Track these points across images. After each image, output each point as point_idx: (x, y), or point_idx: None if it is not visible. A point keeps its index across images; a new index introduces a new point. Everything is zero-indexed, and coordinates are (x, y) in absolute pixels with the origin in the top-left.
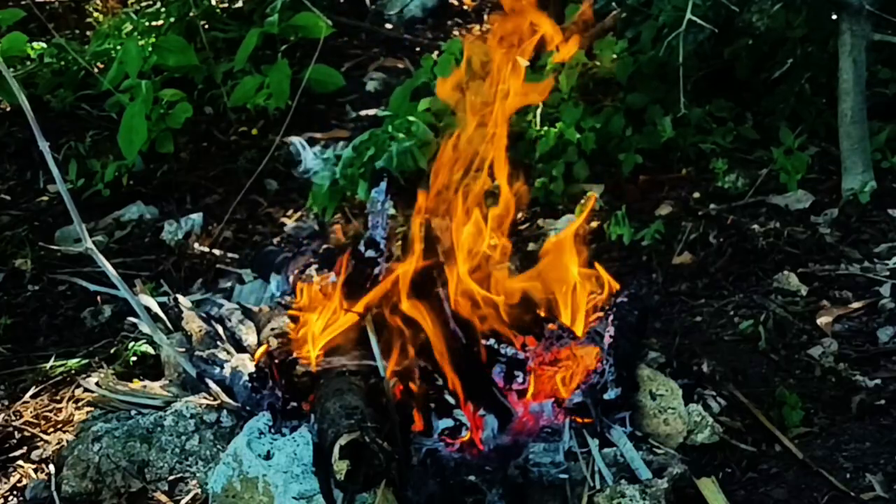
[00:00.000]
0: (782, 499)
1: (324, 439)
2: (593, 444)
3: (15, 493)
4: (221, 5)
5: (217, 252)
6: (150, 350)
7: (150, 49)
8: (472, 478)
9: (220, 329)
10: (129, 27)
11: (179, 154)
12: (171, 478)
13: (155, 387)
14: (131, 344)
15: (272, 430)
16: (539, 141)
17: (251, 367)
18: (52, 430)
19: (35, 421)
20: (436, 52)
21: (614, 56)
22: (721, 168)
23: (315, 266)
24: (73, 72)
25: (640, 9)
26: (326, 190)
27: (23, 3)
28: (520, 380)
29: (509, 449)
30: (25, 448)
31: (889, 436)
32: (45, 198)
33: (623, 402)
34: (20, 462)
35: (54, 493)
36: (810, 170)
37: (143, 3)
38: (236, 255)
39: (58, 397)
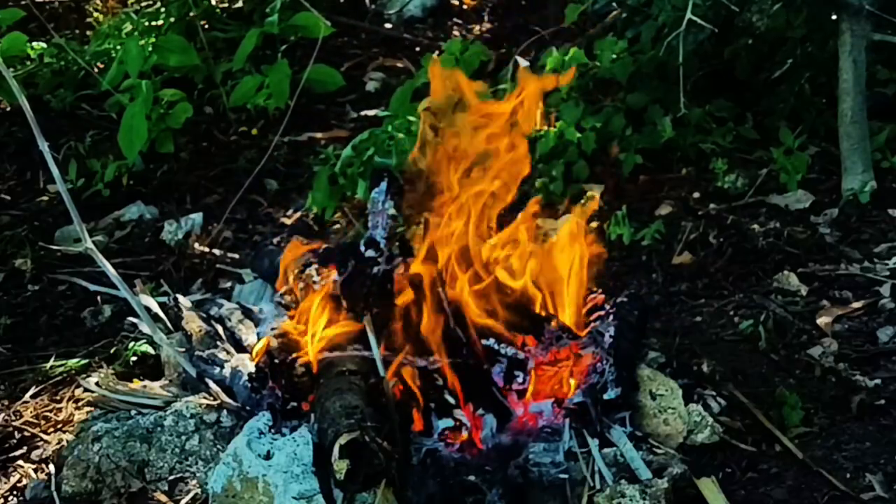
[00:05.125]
0: (782, 499)
1: (324, 439)
2: (593, 444)
3: (15, 493)
4: (221, 5)
5: (217, 252)
6: (150, 350)
7: (150, 49)
8: (472, 478)
9: (220, 329)
10: (129, 27)
11: (179, 154)
12: (171, 478)
13: (155, 387)
14: (131, 344)
15: (272, 430)
16: (539, 141)
17: (251, 367)
18: (52, 430)
19: (35, 421)
20: (436, 52)
21: (614, 56)
22: (721, 168)
23: (315, 266)
24: (73, 72)
25: (640, 9)
26: (326, 189)
27: (23, 3)
28: (520, 380)
29: (509, 449)
30: (25, 448)
31: (889, 436)
32: (45, 198)
33: (623, 402)
34: (20, 462)
35: (54, 493)
36: (810, 170)
37: (143, 3)
38: (236, 255)
39: (58, 397)
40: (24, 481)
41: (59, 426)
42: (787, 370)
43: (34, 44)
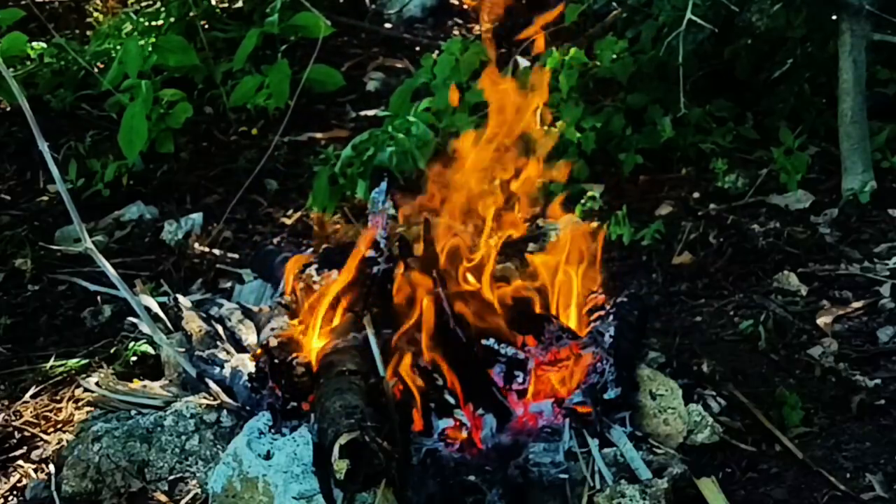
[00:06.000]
0: (782, 499)
1: (324, 439)
2: (593, 444)
3: (15, 493)
4: (221, 5)
5: (217, 252)
6: (150, 350)
7: (150, 49)
8: (472, 478)
9: (220, 329)
10: (129, 27)
11: (179, 154)
12: (171, 478)
13: (155, 387)
14: (131, 344)
15: (272, 430)
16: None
17: (251, 367)
18: (52, 430)
19: (35, 421)
20: (436, 52)
21: (614, 56)
22: (721, 168)
23: (315, 266)
24: (73, 72)
25: (640, 9)
26: (326, 189)
27: (23, 3)
28: (520, 380)
29: (509, 449)
30: (25, 448)
31: (889, 436)
32: (45, 198)
33: (623, 402)
34: (20, 462)
35: (54, 493)
36: (810, 170)
37: (143, 3)
38: (236, 255)
39: (58, 397)
40: (24, 481)
41: (59, 426)
42: (787, 370)
43: (34, 44)
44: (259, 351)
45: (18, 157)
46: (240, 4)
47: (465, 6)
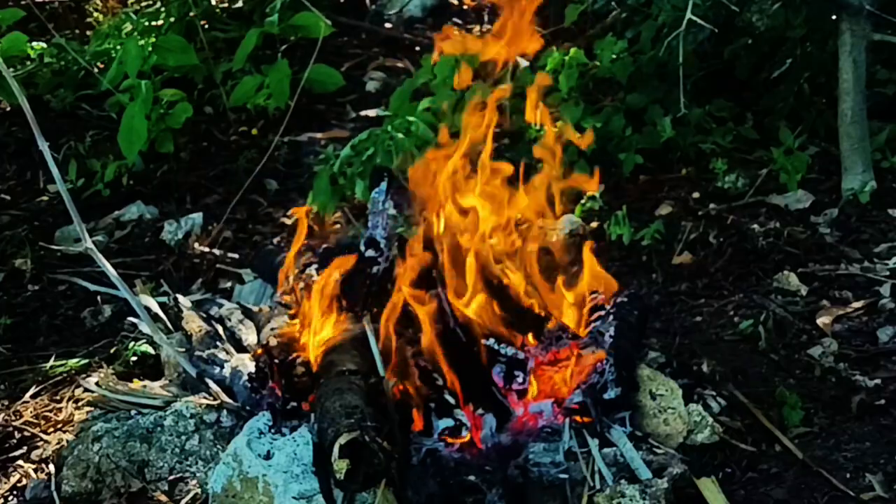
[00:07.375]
0: (782, 499)
1: (324, 439)
2: (593, 444)
3: (15, 493)
4: (221, 5)
5: (217, 252)
6: (150, 350)
7: (150, 49)
8: (472, 478)
9: (220, 329)
10: (129, 27)
11: (179, 154)
12: (171, 478)
13: (155, 387)
14: (131, 344)
15: (272, 430)
16: (539, 140)
17: (251, 367)
18: (52, 430)
19: (35, 421)
20: (436, 52)
21: (614, 56)
22: (721, 168)
23: (315, 266)
24: (73, 72)
25: (640, 9)
26: (327, 189)
27: (23, 3)
28: (520, 380)
29: (509, 449)
30: (25, 448)
31: (889, 436)
32: (45, 198)
33: (623, 402)
34: (20, 462)
35: (54, 493)
36: (810, 170)
37: (143, 3)
38: (236, 255)
39: (58, 397)
40: (24, 481)
41: (59, 426)
42: (787, 370)
43: (34, 44)
44: (259, 351)
45: (18, 157)
46: (240, 4)
47: (465, 6)
